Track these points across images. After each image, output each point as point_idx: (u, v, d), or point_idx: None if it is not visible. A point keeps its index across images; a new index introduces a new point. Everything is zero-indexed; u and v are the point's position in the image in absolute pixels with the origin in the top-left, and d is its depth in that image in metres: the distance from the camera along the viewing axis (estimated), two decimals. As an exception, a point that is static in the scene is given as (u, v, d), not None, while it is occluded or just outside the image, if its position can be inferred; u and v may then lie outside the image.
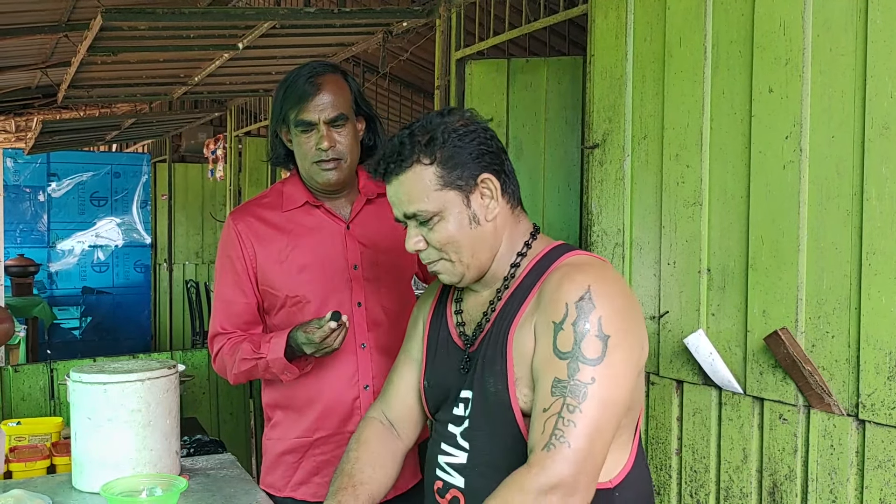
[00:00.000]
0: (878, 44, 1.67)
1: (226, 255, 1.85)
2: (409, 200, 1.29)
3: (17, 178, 7.93)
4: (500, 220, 1.31)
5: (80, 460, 1.68)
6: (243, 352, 1.79)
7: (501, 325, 1.30)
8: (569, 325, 1.18)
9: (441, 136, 1.28)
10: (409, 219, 1.31)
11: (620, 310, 1.21)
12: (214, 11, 4.31)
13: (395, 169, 1.29)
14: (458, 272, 1.32)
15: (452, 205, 1.28)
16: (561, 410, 1.14)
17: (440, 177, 1.27)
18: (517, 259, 1.34)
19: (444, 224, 1.28)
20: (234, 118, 6.92)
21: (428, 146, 1.28)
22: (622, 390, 1.19)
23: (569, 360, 1.16)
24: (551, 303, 1.21)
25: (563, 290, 1.21)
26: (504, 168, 1.32)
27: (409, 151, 1.28)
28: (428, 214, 1.28)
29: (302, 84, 1.77)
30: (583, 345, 1.17)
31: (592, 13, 2.46)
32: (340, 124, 1.80)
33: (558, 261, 1.30)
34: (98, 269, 8.33)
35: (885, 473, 1.67)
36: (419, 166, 1.28)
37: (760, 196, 1.92)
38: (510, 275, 1.34)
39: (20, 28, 5.25)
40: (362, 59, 5.57)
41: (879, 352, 1.68)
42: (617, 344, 1.18)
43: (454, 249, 1.30)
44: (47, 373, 2.97)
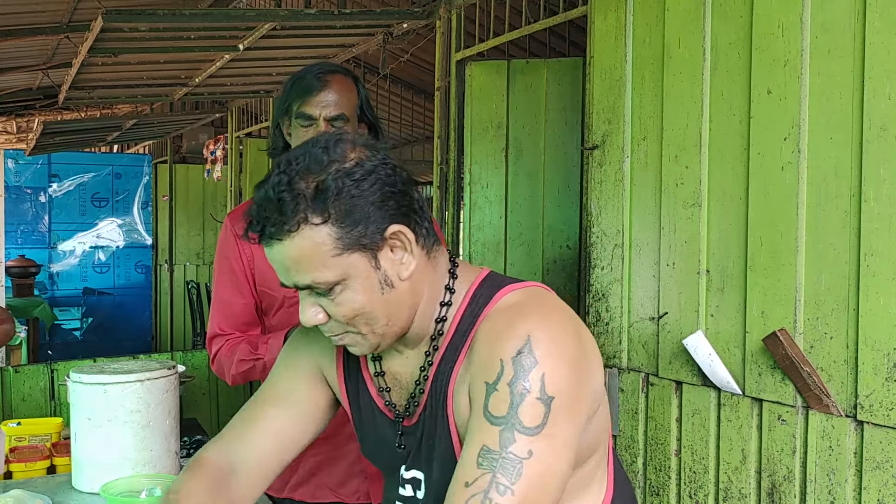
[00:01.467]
0: (877, 45, 1.67)
1: (223, 256, 1.86)
2: (298, 270, 1.01)
3: (19, 179, 7.94)
4: (416, 274, 1.05)
5: (80, 461, 1.68)
6: (241, 353, 1.79)
7: (438, 395, 1.07)
8: (504, 386, 0.95)
9: (334, 185, 0.98)
10: (303, 289, 1.04)
11: (568, 361, 0.98)
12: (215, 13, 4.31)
13: (275, 233, 0.99)
14: (371, 344, 1.07)
15: (357, 270, 1.01)
16: (489, 489, 0.92)
17: (338, 238, 0.99)
18: (442, 311, 1.09)
19: (349, 294, 1.02)
20: (234, 119, 6.93)
21: (317, 200, 0.98)
22: (564, 462, 0.96)
23: (502, 428, 0.94)
24: (484, 362, 0.99)
25: (496, 345, 0.98)
26: (414, 207, 1.04)
27: (291, 209, 0.98)
28: (327, 285, 1.01)
29: (310, 79, 1.78)
30: (520, 410, 0.94)
31: (592, 15, 2.47)
32: (339, 125, 1.80)
33: (490, 303, 1.06)
34: (99, 269, 8.34)
35: (884, 474, 1.68)
36: (307, 228, 0.98)
37: (759, 197, 1.92)
38: (437, 332, 1.09)
39: (21, 29, 5.25)
40: (363, 60, 5.58)
41: (878, 353, 1.68)
42: (563, 406, 0.95)
43: (364, 321, 1.04)
44: (47, 373, 2.98)
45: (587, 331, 1.07)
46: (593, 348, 1.06)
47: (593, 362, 1.04)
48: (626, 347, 2.34)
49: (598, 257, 2.43)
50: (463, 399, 1.03)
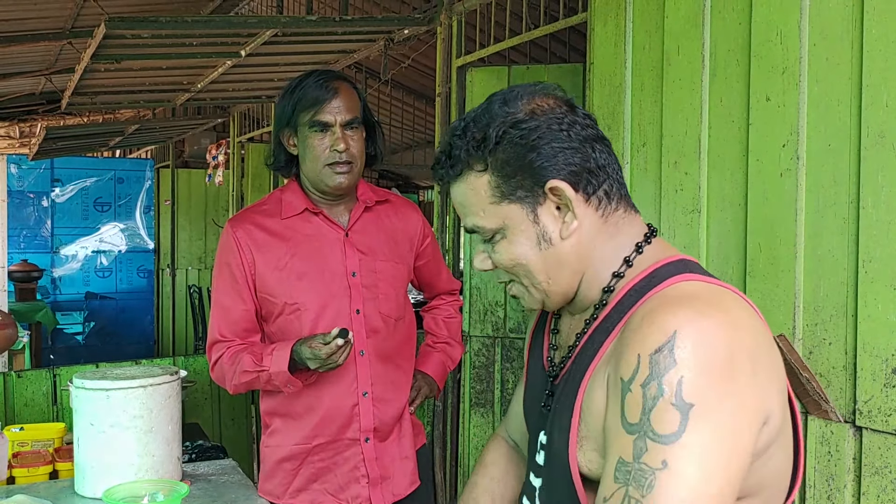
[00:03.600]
0: (874, 53, 1.68)
1: (224, 262, 1.86)
2: (464, 213, 1.04)
3: (21, 184, 7.96)
4: (584, 235, 1.00)
5: (83, 466, 1.69)
6: (244, 363, 1.79)
7: (580, 366, 1.00)
8: (637, 387, 0.86)
9: (496, 134, 0.98)
10: (469, 232, 1.06)
11: (719, 368, 0.84)
12: (217, 19, 4.34)
13: (444, 175, 1.04)
14: (536, 298, 1.05)
15: (515, 221, 1.00)
16: (626, 501, 0.84)
17: (496, 187, 0.99)
18: (612, 281, 1.01)
19: (507, 244, 1.01)
20: (236, 124, 6.95)
21: (480, 148, 1.00)
22: (710, 479, 0.82)
23: (635, 437, 0.85)
24: (624, 353, 0.90)
25: (639, 337, 0.88)
26: (589, 166, 0.99)
27: (458, 154, 1.02)
28: (487, 232, 1.03)
29: (318, 88, 1.80)
30: (653, 415, 0.84)
31: (592, 21, 2.48)
32: (355, 128, 1.82)
33: (658, 287, 0.95)
34: (101, 274, 8.35)
35: (882, 480, 1.68)
36: (471, 174, 1.01)
37: (758, 203, 1.93)
38: (601, 302, 1.02)
39: (24, 35, 5.28)
40: (364, 65, 5.60)
41: (876, 359, 1.69)
42: (702, 414, 0.82)
43: (524, 273, 1.03)
44: (50, 378, 2.99)
45: (773, 355, 0.92)
46: (773, 374, 0.91)
47: (769, 388, 0.89)
48: (626, 353, 2.34)
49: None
50: (599, 387, 0.95)
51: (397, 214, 1.99)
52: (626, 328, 0.93)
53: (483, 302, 3.62)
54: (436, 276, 2.14)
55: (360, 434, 1.86)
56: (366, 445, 1.86)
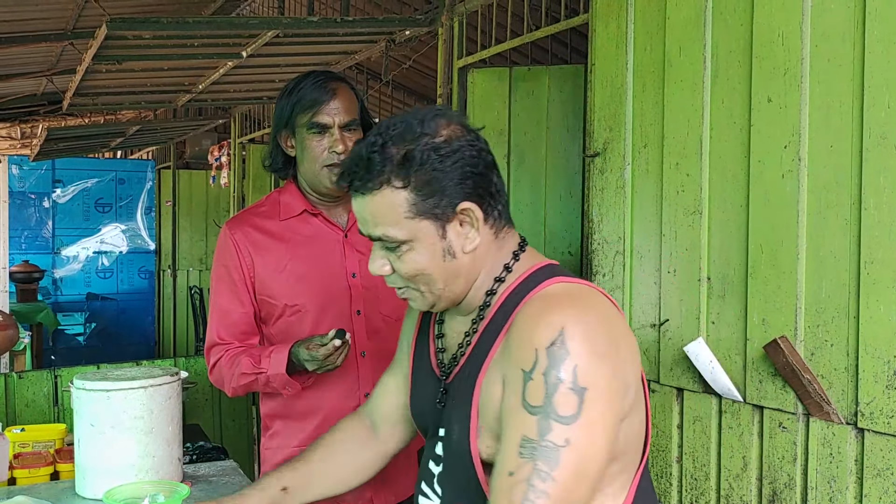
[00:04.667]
0: (876, 54, 1.68)
1: (222, 264, 1.86)
2: (374, 223, 1.12)
3: (23, 185, 7.96)
4: (481, 249, 1.14)
5: (84, 467, 1.69)
6: (243, 366, 1.78)
7: (473, 364, 1.15)
8: (539, 375, 1.00)
9: (419, 157, 1.09)
10: (375, 240, 1.15)
11: (601, 354, 1.02)
12: (218, 20, 4.34)
13: (360, 187, 1.11)
14: (427, 301, 1.17)
15: (425, 235, 1.11)
16: (531, 477, 0.98)
17: (413, 204, 1.09)
18: (494, 286, 1.17)
19: (414, 255, 1.12)
20: (238, 125, 6.95)
21: (402, 167, 1.09)
22: (600, 450, 1.02)
23: (539, 417, 0.99)
24: (520, 348, 1.04)
25: (532, 333, 1.03)
26: (491, 189, 1.14)
27: (378, 170, 1.09)
28: (395, 242, 1.12)
29: (316, 89, 1.79)
30: (555, 399, 0.99)
31: (593, 22, 2.48)
32: (353, 129, 1.82)
33: (534, 290, 1.12)
34: (102, 275, 8.35)
35: (884, 482, 1.68)
36: (389, 189, 1.09)
37: (760, 205, 1.93)
38: (485, 304, 1.17)
39: (26, 36, 5.29)
40: (365, 66, 5.60)
41: (878, 360, 1.68)
42: (596, 397, 1.00)
43: (424, 281, 1.14)
44: (51, 379, 2.99)
45: (629, 337, 1.11)
46: (630, 355, 1.09)
47: (628, 366, 1.08)
48: (627, 354, 2.34)
49: (599, 264, 2.44)
50: (494, 382, 1.09)
51: None
52: (514, 327, 1.08)
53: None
54: None
55: None
56: None
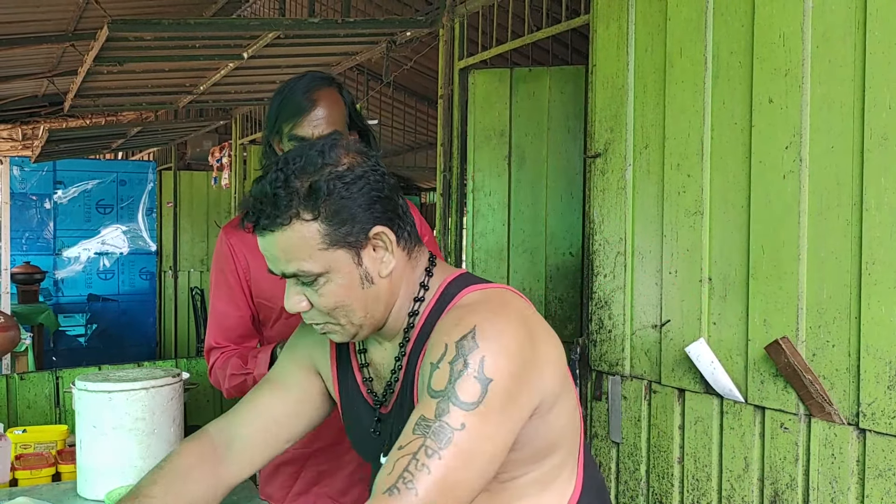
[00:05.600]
0: (877, 55, 1.68)
1: (219, 269, 1.86)
2: (287, 259, 1.09)
3: (24, 186, 7.96)
4: (397, 271, 1.13)
5: (85, 468, 1.69)
6: (232, 367, 1.80)
7: (408, 387, 1.14)
8: (445, 364, 1.01)
9: (326, 187, 1.07)
10: (289, 277, 1.12)
11: (511, 352, 1.02)
12: (219, 22, 4.35)
13: (268, 224, 1.08)
14: (349, 333, 1.15)
15: (341, 264, 1.09)
16: (417, 452, 0.96)
17: (325, 235, 1.07)
18: (415, 306, 1.16)
19: (331, 286, 1.10)
20: (239, 126, 6.96)
21: (309, 199, 1.07)
22: (496, 445, 1.00)
23: (439, 399, 0.99)
24: (434, 347, 1.05)
25: (445, 331, 1.05)
26: (398, 212, 1.13)
27: (285, 204, 1.07)
28: (311, 276, 1.09)
29: (298, 99, 1.77)
30: (458, 384, 0.99)
31: (594, 23, 2.48)
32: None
33: (453, 301, 1.13)
34: (103, 276, 8.35)
35: (886, 482, 1.68)
36: (298, 223, 1.07)
37: (761, 206, 1.93)
38: (409, 325, 1.16)
39: (27, 37, 5.29)
40: (366, 67, 5.61)
41: (879, 361, 1.68)
42: (500, 390, 0.99)
43: (343, 313, 1.12)
44: (52, 381, 2.99)
45: (548, 333, 1.11)
46: (548, 349, 1.09)
47: (543, 361, 1.07)
48: (628, 355, 2.34)
49: (600, 265, 2.44)
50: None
51: None
52: (433, 338, 1.07)
53: (485, 304, 3.61)
54: None
55: None
56: None
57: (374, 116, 6.67)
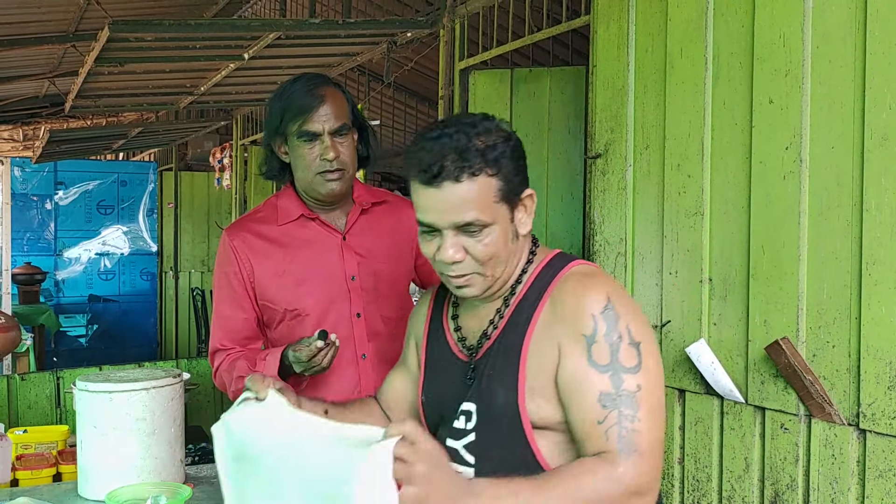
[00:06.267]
0: (877, 56, 1.68)
1: (222, 271, 1.86)
2: (465, 209, 1.22)
3: (25, 187, 7.97)
4: (526, 234, 1.31)
5: (86, 468, 1.69)
6: (239, 369, 1.79)
7: (512, 333, 1.28)
8: (601, 338, 1.18)
9: (500, 148, 1.24)
10: (451, 228, 1.24)
11: (639, 313, 1.23)
12: (220, 23, 4.35)
13: (456, 174, 1.21)
14: (485, 285, 1.29)
15: (502, 219, 1.25)
16: (621, 421, 1.14)
17: (499, 190, 1.23)
18: (525, 266, 1.33)
19: (492, 237, 1.24)
20: (239, 127, 6.96)
21: (491, 157, 1.23)
22: (661, 387, 1.21)
23: (610, 373, 1.17)
24: (575, 316, 1.21)
25: (584, 302, 1.21)
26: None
27: (475, 158, 1.22)
28: (480, 225, 1.23)
29: (304, 96, 1.78)
30: (619, 356, 1.17)
31: (595, 24, 2.48)
32: (344, 134, 1.81)
33: (563, 270, 1.29)
34: (104, 277, 8.36)
35: (886, 483, 1.68)
36: (483, 176, 1.22)
37: (761, 206, 1.93)
38: (516, 281, 1.32)
39: (28, 38, 5.30)
40: (367, 68, 5.61)
41: (880, 362, 1.68)
42: (648, 350, 1.20)
43: (493, 265, 1.26)
44: (53, 381, 2.99)
45: None
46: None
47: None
48: (629, 355, 2.34)
49: (601, 265, 2.44)
50: (546, 346, 1.23)
51: (395, 214, 1.98)
52: (559, 300, 1.25)
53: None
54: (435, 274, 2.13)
55: None
56: None
57: (375, 117, 6.66)
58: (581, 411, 1.18)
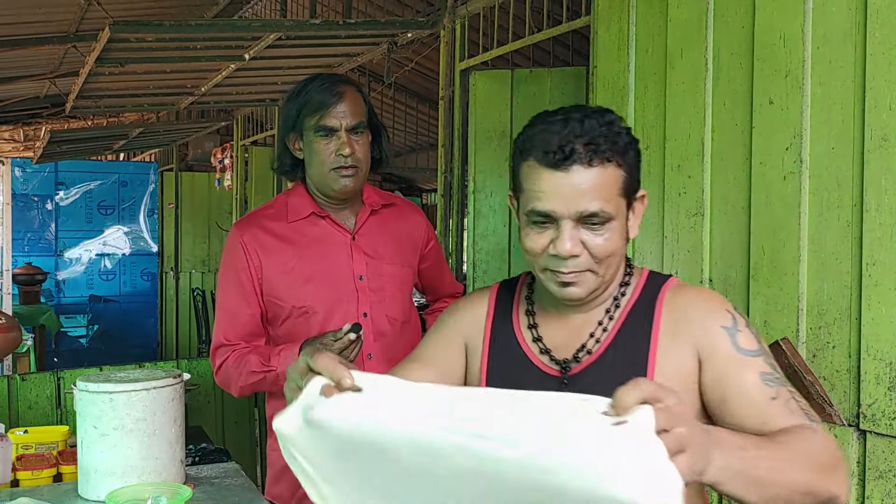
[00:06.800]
0: (877, 56, 1.68)
1: (230, 265, 1.86)
2: (592, 197, 1.13)
3: (26, 187, 7.98)
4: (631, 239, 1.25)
5: (86, 469, 1.70)
6: (251, 364, 1.79)
7: (628, 348, 1.21)
8: (743, 326, 1.18)
9: (627, 139, 1.17)
10: (573, 218, 1.15)
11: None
12: (221, 23, 4.35)
13: (588, 157, 1.12)
14: (593, 287, 1.21)
15: (621, 214, 1.17)
16: (793, 395, 1.13)
17: (624, 182, 1.16)
18: (626, 278, 1.26)
19: (612, 233, 1.16)
20: (240, 128, 6.96)
21: (620, 145, 1.15)
22: None
23: (762, 357, 1.17)
24: (708, 314, 1.20)
25: (712, 302, 1.22)
26: None
27: (605, 145, 1.14)
28: (605, 218, 1.15)
29: (323, 92, 1.79)
30: (760, 345, 1.18)
31: (595, 25, 2.48)
32: (360, 132, 1.82)
33: (665, 285, 1.25)
34: (105, 277, 8.37)
35: (887, 483, 1.68)
36: (614, 165, 1.14)
37: (761, 207, 1.93)
38: (620, 293, 1.25)
39: (29, 39, 5.30)
40: (367, 68, 5.61)
41: (880, 362, 1.68)
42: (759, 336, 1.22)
43: (608, 264, 1.19)
44: (54, 381, 2.99)
45: None
46: None
47: None
48: (629, 356, 2.34)
49: (601, 266, 2.44)
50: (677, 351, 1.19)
51: (403, 218, 1.99)
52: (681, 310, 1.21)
53: (486, 305, 3.62)
54: (439, 279, 2.14)
55: None
56: None
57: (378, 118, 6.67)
58: (748, 396, 1.13)
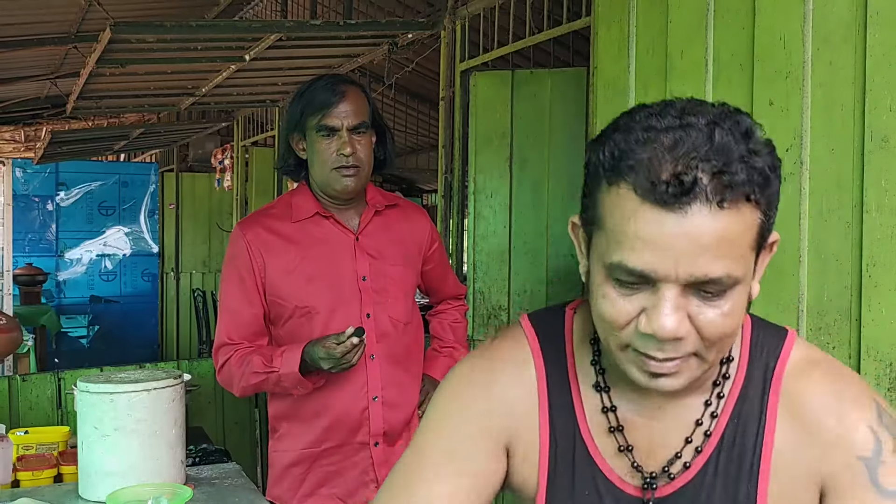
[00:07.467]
0: (878, 57, 1.68)
1: (233, 265, 1.86)
2: (716, 255, 0.75)
3: (26, 188, 7.99)
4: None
5: (87, 469, 1.70)
6: (254, 365, 1.79)
7: (733, 461, 0.87)
8: (889, 455, 0.83)
9: (770, 161, 0.78)
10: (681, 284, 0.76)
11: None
12: (221, 24, 4.36)
13: (719, 195, 0.74)
14: (694, 377, 0.82)
15: (748, 275, 0.79)
16: None
17: (759, 228, 0.78)
18: (729, 355, 0.89)
19: (733, 305, 0.78)
20: (241, 128, 6.96)
21: (762, 175, 0.76)
22: None
23: None
24: (842, 434, 0.84)
25: (851, 412, 0.85)
26: None
27: (742, 174, 0.75)
28: (729, 284, 0.77)
29: (326, 92, 1.80)
30: None
31: (595, 25, 2.48)
32: (362, 132, 1.83)
33: (782, 353, 0.89)
34: (106, 277, 8.37)
35: (887, 485, 1.68)
36: (751, 207, 0.76)
37: (762, 208, 1.93)
38: (721, 375, 0.88)
39: (30, 39, 5.31)
40: (368, 69, 5.61)
41: (880, 363, 1.68)
42: None
43: (721, 347, 0.81)
44: (55, 382, 2.99)
45: None
46: None
47: None
48: (629, 357, 2.34)
49: (601, 267, 2.44)
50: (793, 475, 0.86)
51: (406, 219, 1.99)
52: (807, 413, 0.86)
53: (487, 306, 3.62)
54: (442, 280, 2.14)
55: (369, 438, 1.86)
56: (375, 450, 1.86)
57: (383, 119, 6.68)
58: None
